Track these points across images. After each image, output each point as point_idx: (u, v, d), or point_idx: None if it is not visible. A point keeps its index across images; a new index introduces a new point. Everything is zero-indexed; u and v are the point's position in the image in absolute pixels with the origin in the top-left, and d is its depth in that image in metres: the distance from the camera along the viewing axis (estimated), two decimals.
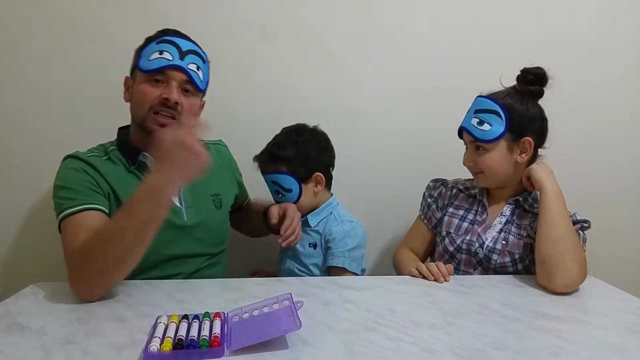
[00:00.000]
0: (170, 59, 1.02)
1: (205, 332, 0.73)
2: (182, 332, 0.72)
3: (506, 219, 1.18)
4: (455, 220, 1.24)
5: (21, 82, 1.39)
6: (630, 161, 1.61)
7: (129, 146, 1.10)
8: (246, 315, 0.80)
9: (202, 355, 0.68)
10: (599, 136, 1.58)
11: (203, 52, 1.10)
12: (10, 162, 1.42)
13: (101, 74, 1.40)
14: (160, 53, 1.02)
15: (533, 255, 1.08)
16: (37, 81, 1.39)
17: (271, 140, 1.28)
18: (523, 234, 1.15)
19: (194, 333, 0.72)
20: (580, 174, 1.53)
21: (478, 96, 1.18)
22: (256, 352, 0.69)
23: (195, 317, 0.78)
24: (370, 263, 1.57)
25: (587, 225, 1.12)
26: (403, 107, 1.54)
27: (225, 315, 0.80)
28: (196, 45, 1.09)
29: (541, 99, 1.17)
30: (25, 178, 1.42)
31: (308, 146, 1.24)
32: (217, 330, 0.73)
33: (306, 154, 1.24)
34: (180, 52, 1.04)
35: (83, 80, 1.41)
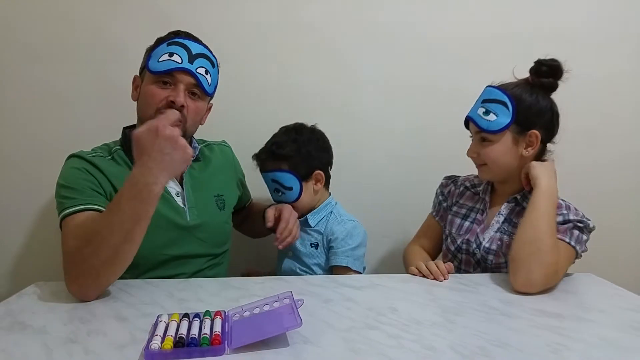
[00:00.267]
0: (180, 61, 1.02)
1: (206, 330, 0.73)
2: (183, 331, 0.72)
3: (504, 217, 1.15)
4: (457, 220, 1.23)
5: (22, 82, 1.40)
6: (631, 159, 1.60)
7: None
8: (247, 314, 0.80)
9: (203, 353, 0.68)
10: (598, 135, 1.58)
11: (213, 55, 1.10)
12: (13, 162, 1.42)
13: (103, 74, 1.40)
14: (170, 55, 1.02)
15: None
16: (38, 81, 1.40)
17: (270, 138, 1.28)
18: None
19: (194, 331, 0.72)
20: (580, 173, 1.52)
21: (487, 86, 1.14)
22: (257, 350, 0.69)
23: (196, 315, 0.78)
24: (370, 263, 1.56)
25: (583, 224, 1.05)
26: (403, 107, 1.54)
27: (226, 313, 0.80)
28: (207, 48, 1.08)
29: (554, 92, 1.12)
30: (28, 178, 1.42)
31: (308, 144, 1.24)
32: (217, 328, 0.73)
33: (307, 152, 1.24)
34: (190, 55, 1.03)
35: (85, 81, 1.41)
